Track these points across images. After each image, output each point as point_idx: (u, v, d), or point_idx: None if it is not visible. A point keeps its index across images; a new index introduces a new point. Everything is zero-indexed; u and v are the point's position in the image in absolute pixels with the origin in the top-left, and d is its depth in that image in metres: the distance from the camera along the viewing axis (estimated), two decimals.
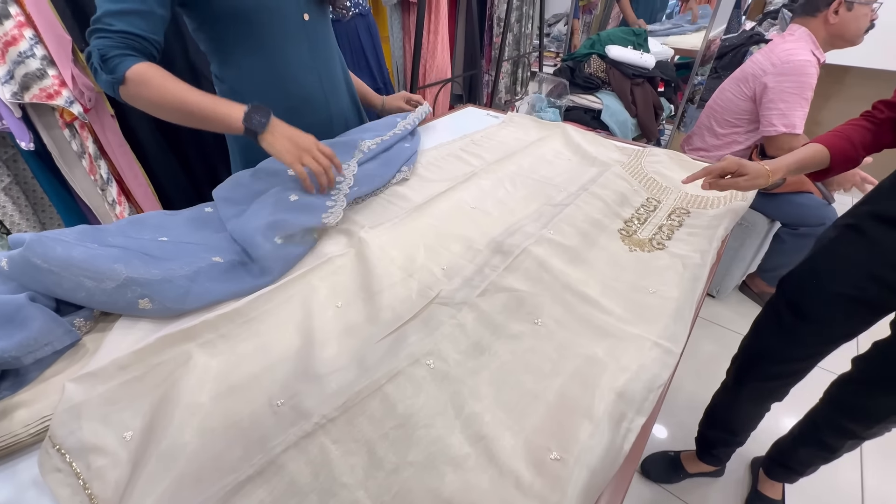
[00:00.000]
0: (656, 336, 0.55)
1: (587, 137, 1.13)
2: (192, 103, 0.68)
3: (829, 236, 0.81)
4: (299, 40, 0.84)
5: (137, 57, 0.67)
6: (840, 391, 0.88)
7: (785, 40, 1.45)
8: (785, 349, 0.89)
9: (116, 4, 0.65)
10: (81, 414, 0.40)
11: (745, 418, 1.05)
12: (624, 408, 0.45)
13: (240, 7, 0.75)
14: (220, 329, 0.51)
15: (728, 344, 1.66)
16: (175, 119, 0.71)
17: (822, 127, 2.59)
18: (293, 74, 0.86)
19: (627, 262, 0.70)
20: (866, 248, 0.73)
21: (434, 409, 0.45)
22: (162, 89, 0.67)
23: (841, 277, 0.76)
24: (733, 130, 1.61)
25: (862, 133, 0.79)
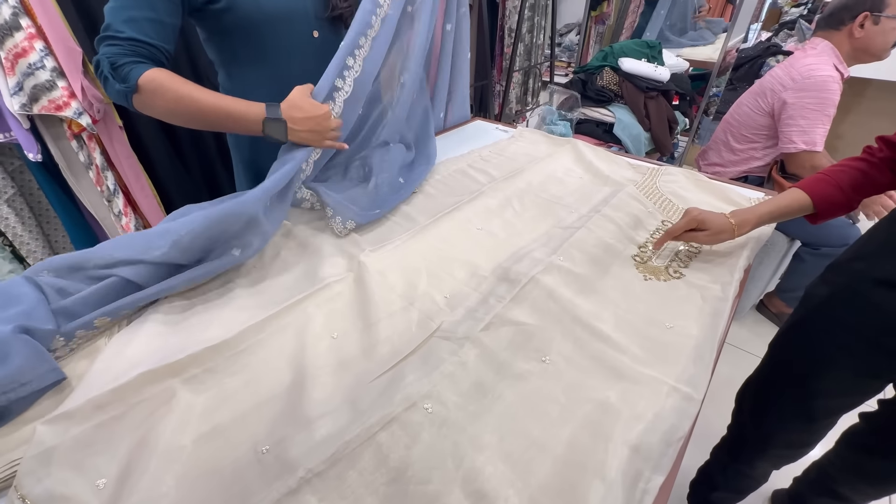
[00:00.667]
0: (674, 380, 0.50)
1: (599, 154, 1.09)
2: (209, 107, 0.66)
3: (821, 295, 0.72)
4: (308, 56, 0.83)
5: (148, 64, 0.65)
6: (850, 450, 0.81)
7: (806, 54, 1.40)
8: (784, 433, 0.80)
9: (126, 12, 0.63)
10: (52, 460, 0.38)
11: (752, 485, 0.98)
12: (640, 465, 0.41)
13: (249, 20, 0.74)
14: (206, 363, 0.49)
15: (745, 367, 1.58)
16: (188, 124, 0.69)
17: (844, 140, 2.51)
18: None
19: (642, 293, 0.66)
20: (865, 312, 0.64)
21: (431, 461, 0.41)
22: (177, 95, 0.65)
23: (838, 344, 0.68)
24: (750, 146, 1.56)
25: (852, 175, 0.72)
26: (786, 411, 0.77)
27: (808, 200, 0.72)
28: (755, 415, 0.85)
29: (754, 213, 0.74)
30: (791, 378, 0.76)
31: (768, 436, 0.83)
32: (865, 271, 0.65)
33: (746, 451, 0.89)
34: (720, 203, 0.91)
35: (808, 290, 0.76)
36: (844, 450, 0.82)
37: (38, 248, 1.20)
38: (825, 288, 0.71)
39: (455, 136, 1.24)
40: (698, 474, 1.07)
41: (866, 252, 0.67)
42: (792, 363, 0.76)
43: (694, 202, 0.91)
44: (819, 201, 0.72)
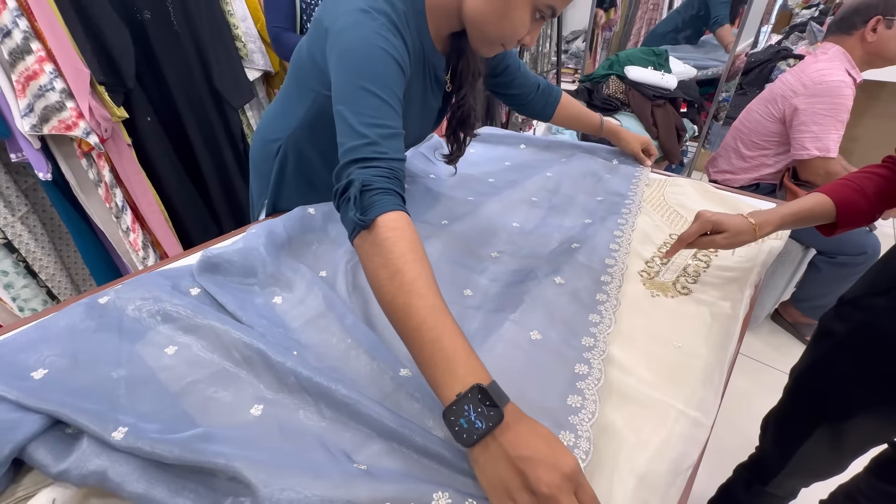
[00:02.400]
0: (683, 403, 0.49)
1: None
2: (417, 317, 0.43)
3: (839, 332, 0.67)
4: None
5: (397, 198, 0.50)
6: (879, 480, 0.77)
7: (817, 59, 1.38)
8: (812, 462, 0.77)
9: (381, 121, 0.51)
10: None
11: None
12: (646, 496, 0.40)
13: None
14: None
15: (760, 378, 1.55)
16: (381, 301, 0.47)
17: (859, 144, 2.46)
18: None
19: (649, 310, 0.64)
20: (889, 350, 0.60)
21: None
22: (394, 268, 0.45)
23: (863, 384, 0.64)
24: (761, 153, 1.53)
25: (878, 182, 0.67)
26: (811, 445, 0.74)
27: (832, 205, 0.68)
28: (780, 446, 0.82)
29: (776, 213, 0.69)
30: (815, 416, 0.72)
31: (795, 464, 0.79)
32: (886, 308, 0.61)
33: (775, 475, 0.84)
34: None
35: (824, 325, 0.71)
36: (874, 479, 0.78)
37: (50, 263, 1.22)
38: (842, 325, 0.67)
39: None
40: (719, 492, 1.04)
41: (885, 286, 0.63)
42: (815, 402, 0.72)
43: None
44: (842, 207, 0.68)
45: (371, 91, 0.52)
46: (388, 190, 0.49)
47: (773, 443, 0.84)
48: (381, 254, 0.46)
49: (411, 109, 0.70)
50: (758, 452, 0.92)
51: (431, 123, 0.83)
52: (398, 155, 0.52)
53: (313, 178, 0.85)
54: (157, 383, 0.47)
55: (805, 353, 0.76)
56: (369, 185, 0.48)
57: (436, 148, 1.12)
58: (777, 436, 0.83)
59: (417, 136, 0.86)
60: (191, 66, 1.27)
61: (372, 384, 0.49)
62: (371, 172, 0.49)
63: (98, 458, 0.37)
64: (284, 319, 0.58)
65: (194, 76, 1.29)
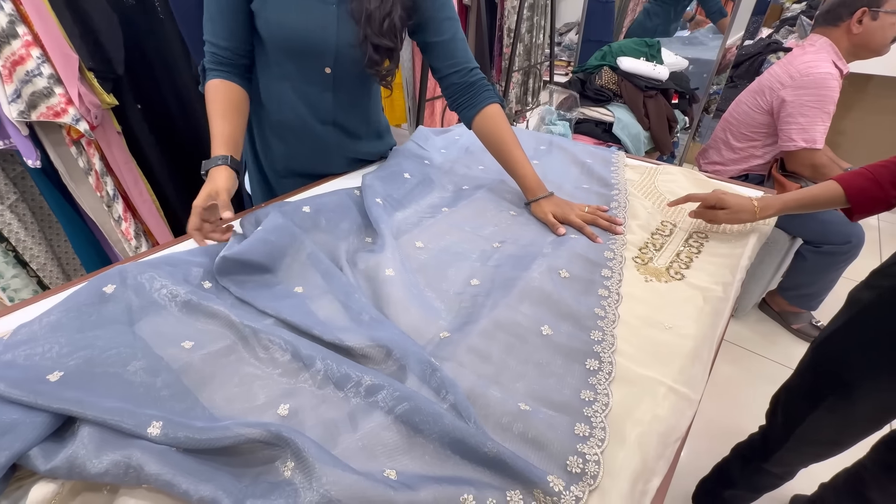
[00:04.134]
0: (672, 380, 0.50)
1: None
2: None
3: (866, 300, 0.71)
4: (319, 87, 0.85)
5: (218, 71, 0.78)
6: (890, 452, 0.80)
7: (805, 51, 1.40)
8: (821, 435, 0.79)
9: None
10: None
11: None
12: (638, 467, 0.41)
13: (269, 33, 0.78)
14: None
15: (747, 365, 1.59)
16: None
17: (846, 137, 2.50)
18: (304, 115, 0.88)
19: (642, 295, 0.66)
20: None
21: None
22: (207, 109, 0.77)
23: (884, 349, 0.66)
24: (750, 144, 1.56)
25: (893, 171, 0.71)
26: (825, 417, 0.76)
27: (841, 193, 0.72)
28: (791, 418, 0.83)
29: (780, 199, 0.75)
30: (834, 384, 0.74)
31: (799, 436, 0.81)
32: None
33: (777, 450, 0.87)
34: None
35: (853, 295, 0.75)
36: (884, 453, 0.81)
37: (40, 252, 1.21)
38: (870, 292, 0.70)
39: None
40: (713, 471, 1.07)
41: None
42: (835, 369, 0.74)
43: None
44: (854, 194, 0.72)
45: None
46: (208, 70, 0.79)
47: (780, 415, 0.86)
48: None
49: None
50: (761, 429, 0.94)
51: (326, 18, 0.76)
52: (213, 40, 0.77)
53: (265, 115, 0.89)
54: (174, 375, 0.47)
55: (829, 324, 0.79)
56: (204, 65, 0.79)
57: (427, 138, 1.13)
58: (786, 407, 0.85)
59: (306, 30, 0.76)
60: (175, 53, 1.26)
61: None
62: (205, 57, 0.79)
63: (115, 453, 0.37)
64: (311, 309, 0.59)
65: (179, 64, 1.27)
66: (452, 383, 0.46)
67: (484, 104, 0.86)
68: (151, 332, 0.51)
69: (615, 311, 0.62)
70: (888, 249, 2.21)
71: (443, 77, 0.87)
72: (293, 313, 0.55)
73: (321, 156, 0.95)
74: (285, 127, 0.89)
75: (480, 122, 0.87)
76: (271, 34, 0.77)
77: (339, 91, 0.86)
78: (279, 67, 0.82)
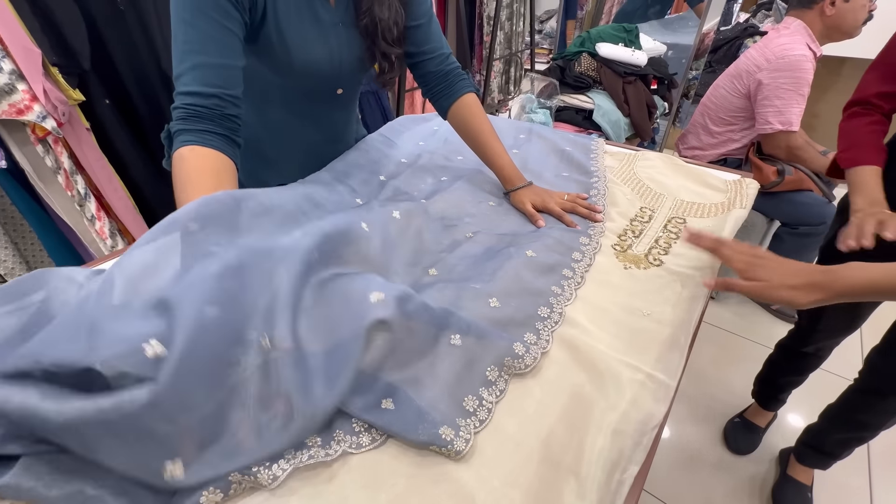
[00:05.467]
0: (650, 367, 0.51)
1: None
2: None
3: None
4: (329, 108, 0.82)
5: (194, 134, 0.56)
6: (872, 378, 0.91)
7: (780, 34, 1.41)
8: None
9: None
10: None
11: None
12: (615, 456, 0.42)
13: (274, 61, 0.68)
14: None
15: (728, 346, 1.63)
16: None
17: (820, 119, 2.55)
18: (311, 135, 0.84)
19: (621, 282, 0.66)
20: None
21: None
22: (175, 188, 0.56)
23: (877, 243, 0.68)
24: (728, 128, 1.57)
25: (881, 136, 0.80)
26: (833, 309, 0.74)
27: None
28: (812, 314, 1.06)
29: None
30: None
31: (824, 324, 1.02)
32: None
33: (808, 336, 1.08)
34: (697, 186, 0.92)
35: (843, 202, 0.90)
36: (867, 378, 0.94)
37: (7, 257, 1.17)
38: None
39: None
40: (765, 366, 1.25)
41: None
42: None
43: (672, 187, 0.91)
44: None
45: (188, 21, 0.54)
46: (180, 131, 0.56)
47: (806, 314, 1.08)
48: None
49: (292, 25, 0.65)
50: (794, 327, 1.15)
51: (339, 40, 0.72)
52: (194, 88, 0.54)
53: (262, 149, 0.82)
54: None
55: (829, 231, 0.95)
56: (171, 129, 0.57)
57: (400, 132, 1.11)
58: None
59: (328, 58, 0.71)
60: (138, 46, 1.21)
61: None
62: (175, 115, 0.55)
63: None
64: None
65: (142, 58, 1.23)
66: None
67: (460, 93, 0.84)
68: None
69: (574, 291, 0.63)
70: None
71: (417, 63, 0.84)
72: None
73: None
74: (288, 150, 0.84)
75: (456, 112, 0.85)
76: (292, 69, 0.68)
77: (346, 108, 0.85)
78: (286, 98, 0.75)
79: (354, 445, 0.43)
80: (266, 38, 0.64)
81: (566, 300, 0.61)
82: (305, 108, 0.79)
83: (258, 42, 0.65)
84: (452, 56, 0.86)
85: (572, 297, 0.62)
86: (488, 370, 0.49)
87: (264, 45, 0.65)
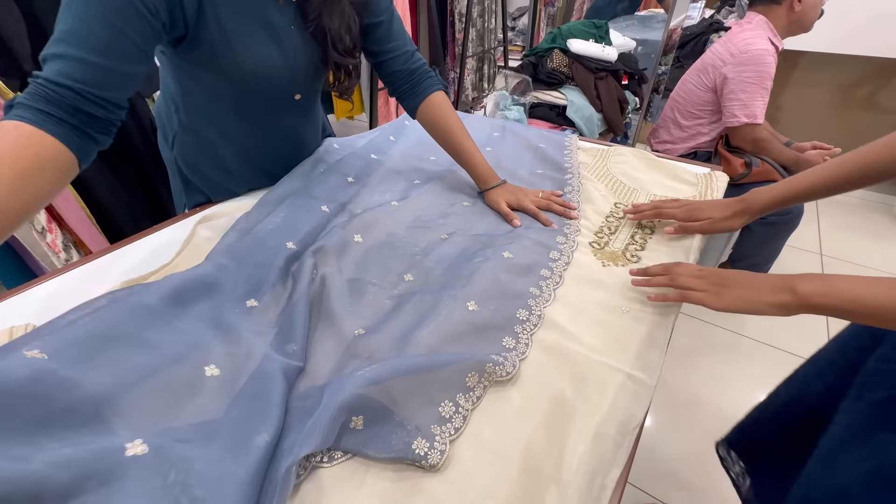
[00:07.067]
0: (629, 366, 0.50)
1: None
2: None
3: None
4: (287, 115, 0.77)
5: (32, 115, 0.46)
6: None
7: (742, 29, 1.44)
8: None
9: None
10: None
11: None
12: (596, 461, 0.40)
13: (225, 74, 0.64)
14: None
15: (705, 336, 1.66)
16: None
17: (783, 112, 2.64)
18: (272, 143, 0.80)
19: (601, 280, 0.65)
20: None
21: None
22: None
23: None
24: (697, 122, 1.60)
25: None
26: None
27: None
28: None
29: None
30: None
31: None
32: None
33: None
34: (669, 181, 0.92)
35: None
36: None
37: None
38: None
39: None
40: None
41: None
42: None
43: (645, 182, 0.91)
44: None
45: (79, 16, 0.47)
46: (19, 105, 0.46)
47: None
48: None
49: (237, 26, 0.60)
50: None
51: (292, 43, 0.68)
52: (51, 76, 0.46)
53: (223, 161, 0.78)
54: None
55: None
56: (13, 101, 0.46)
57: (392, 133, 1.08)
58: None
59: (282, 61, 0.67)
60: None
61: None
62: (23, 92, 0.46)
63: None
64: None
65: None
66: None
67: (428, 92, 0.82)
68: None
69: (552, 291, 0.62)
70: (826, 218, 2.36)
71: (381, 63, 0.81)
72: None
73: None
74: (249, 157, 0.80)
75: (425, 111, 0.83)
76: (242, 74, 0.64)
77: (307, 114, 0.81)
78: (240, 105, 0.71)
79: (327, 459, 0.40)
80: (209, 41, 0.59)
81: (545, 301, 0.60)
82: (263, 116, 0.74)
83: (201, 47, 0.60)
84: (418, 53, 0.83)
85: (551, 297, 0.61)
86: (468, 376, 0.47)
87: (209, 50, 0.60)
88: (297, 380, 0.48)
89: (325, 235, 0.69)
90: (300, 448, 0.37)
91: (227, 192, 0.83)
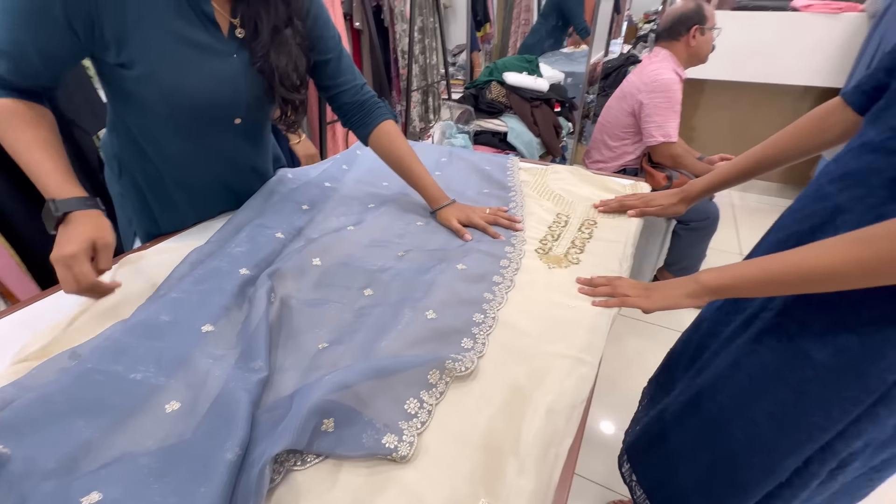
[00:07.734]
0: (576, 350, 0.56)
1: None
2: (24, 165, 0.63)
3: None
4: (226, 138, 0.78)
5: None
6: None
7: (651, 62, 1.65)
8: None
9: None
10: None
11: None
12: (550, 433, 0.45)
13: (167, 99, 0.67)
14: None
15: (651, 336, 1.78)
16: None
17: (697, 132, 2.96)
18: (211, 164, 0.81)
19: (547, 281, 0.72)
20: None
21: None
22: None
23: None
24: (622, 143, 1.78)
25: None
26: None
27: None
28: None
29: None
30: None
31: None
32: None
33: None
34: (602, 192, 1.03)
35: None
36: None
37: None
38: None
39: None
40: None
41: None
42: None
43: (581, 195, 1.01)
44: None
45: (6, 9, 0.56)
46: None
47: None
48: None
49: (160, 50, 0.63)
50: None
51: (233, 70, 0.70)
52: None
53: (163, 187, 0.79)
54: None
55: None
56: None
57: (344, 162, 1.12)
58: None
59: (215, 85, 0.69)
60: None
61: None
62: None
63: None
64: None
65: None
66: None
67: (378, 121, 0.88)
68: None
69: (504, 295, 0.67)
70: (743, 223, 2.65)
71: (333, 96, 0.86)
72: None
73: (236, 201, 0.88)
74: (195, 182, 0.81)
75: (377, 139, 0.88)
76: (170, 101, 0.67)
77: (251, 138, 0.83)
78: (179, 127, 0.73)
79: (300, 462, 0.42)
80: (135, 63, 0.63)
81: (498, 304, 0.65)
82: (202, 138, 0.76)
83: (134, 68, 0.63)
84: (367, 86, 0.89)
85: (504, 300, 0.66)
86: (430, 374, 0.50)
87: (139, 72, 0.63)
88: (264, 394, 0.49)
89: (281, 259, 0.72)
90: (271, 448, 0.39)
91: (176, 219, 0.84)
